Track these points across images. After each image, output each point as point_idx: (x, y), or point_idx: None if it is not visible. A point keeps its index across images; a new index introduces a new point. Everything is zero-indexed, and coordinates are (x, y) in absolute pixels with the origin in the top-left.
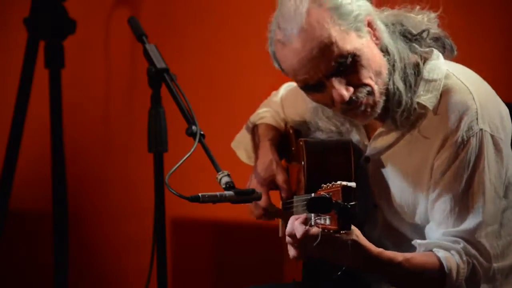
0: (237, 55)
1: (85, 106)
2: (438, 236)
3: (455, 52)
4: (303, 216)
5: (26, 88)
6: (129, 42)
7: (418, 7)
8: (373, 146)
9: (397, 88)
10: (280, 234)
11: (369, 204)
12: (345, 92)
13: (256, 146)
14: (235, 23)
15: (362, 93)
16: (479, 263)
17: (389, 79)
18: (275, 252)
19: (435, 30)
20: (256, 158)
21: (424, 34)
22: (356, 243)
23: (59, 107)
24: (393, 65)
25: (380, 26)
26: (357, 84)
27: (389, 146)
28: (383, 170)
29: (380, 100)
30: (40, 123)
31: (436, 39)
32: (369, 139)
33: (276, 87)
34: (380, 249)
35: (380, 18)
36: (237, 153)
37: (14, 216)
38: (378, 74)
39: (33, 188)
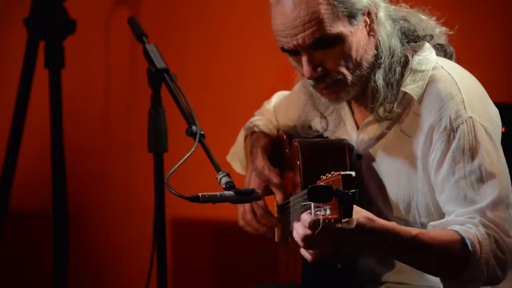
0: (237, 55)
1: (85, 106)
2: (452, 217)
3: (453, 60)
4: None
5: (26, 88)
6: (129, 42)
7: (435, 17)
8: (361, 137)
9: (377, 85)
10: (277, 239)
11: (363, 201)
12: (312, 71)
13: (248, 154)
14: (235, 23)
15: (332, 79)
16: (500, 236)
17: (371, 74)
18: (274, 253)
19: (440, 41)
20: (249, 165)
21: (428, 38)
22: (369, 220)
23: (59, 107)
24: (379, 62)
25: (381, 19)
26: (331, 68)
27: (378, 138)
28: (376, 166)
29: (351, 89)
30: (40, 123)
31: (439, 45)
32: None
33: (276, 87)
34: (393, 223)
35: (388, 10)
36: (232, 165)
37: (14, 216)
38: (357, 65)
39: (33, 188)
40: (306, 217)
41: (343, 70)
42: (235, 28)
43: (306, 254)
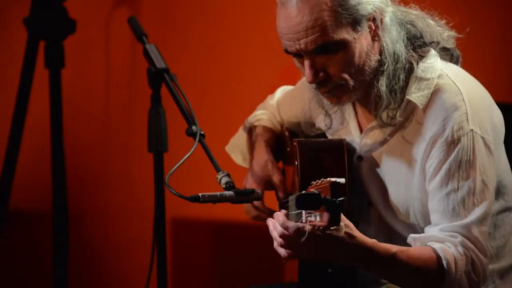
0: (237, 55)
1: (85, 106)
2: (435, 233)
3: (459, 64)
4: (282, 215)
5: (26, 88)
6: (129, 42)
7: (444, 21)
8: (364, 142)
9: (380, 92)
10: None
11: (363, 202)
12: (314, 76)
13: (251, 147)
14: (235, 23)
15: (333, 84)
16: (477, 257)
17: (374, 80)
18: (274, 252)
19: (447, 44)
20: (252, 158)
21: (434, 45)
22: (349, 235)
23: (59, 107)
24: (383, 69)
25: (386, 24)
26: (333, 73)
27: (381, 143)
28: (377, 169)
29: (353, 94)
30: (40, 123)
31: (446, 49)
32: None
33: (276, 87)
34: (374, 240)
35: (395, 14)
36: (232, 156)
37: (14, 216)
38: (359, 71)
39: (33, 188)
40: (289, 224)
41: (345, 75)
42: (235, 28)
43: (280, 250)
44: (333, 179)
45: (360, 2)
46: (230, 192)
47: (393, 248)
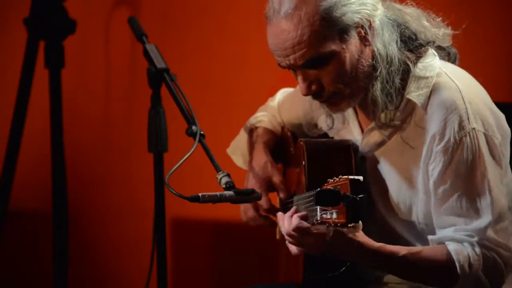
0: (237, 55)
1: (85, 106)
2: (452, 233)
3: (457, 62)
4: (296, 212)
5: (26, 88)
6: (129, 42)
7: (440, 18)
8: (365, 142)
9: (375, 96)
10: (278, 237)
11: (367, 203)
12: (308, 89)
13: (251, 148)
14: (235, 23)
15: (328, 94)
16: (498, 253)
17: (369, 85)
18: (274, 252)
19: (443, 44)
20: (251, 159)
21: (430, 45)
22: (351, 240)
23: (59, 107)
24: (376, 74)
25: (377, 28)
26: (327, 83)
27: (381, 143)
28: (380, 169)
29: (350, 100)
30: (40, 123)
31: (441, 48)
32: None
33: (276, 87)
34: (381, 244)
35: (386, 14)
36: (233, 159)
37: (14, 216)
38: (352, 78)
39: (33, 188)
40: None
41: (339, 85)
42: (235, 28)
43: (291, 247)
44: (351, 176)
45: (344, 13)
46: (230, 192)
47: (402, 251)
